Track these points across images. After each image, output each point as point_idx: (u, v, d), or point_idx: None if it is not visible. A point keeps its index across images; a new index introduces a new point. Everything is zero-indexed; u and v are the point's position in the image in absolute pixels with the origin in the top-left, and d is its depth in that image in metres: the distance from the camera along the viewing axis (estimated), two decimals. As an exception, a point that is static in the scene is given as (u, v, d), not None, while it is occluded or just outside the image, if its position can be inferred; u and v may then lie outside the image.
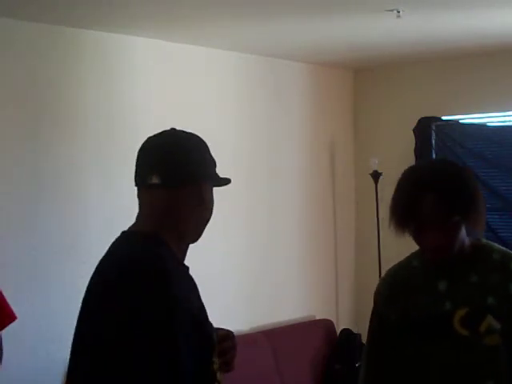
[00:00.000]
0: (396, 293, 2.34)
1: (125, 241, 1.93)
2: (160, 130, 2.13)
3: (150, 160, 1.98)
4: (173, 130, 2.08)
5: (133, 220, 2.11)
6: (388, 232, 2.42)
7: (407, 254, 2.46)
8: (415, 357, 2.29)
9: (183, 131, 2.09)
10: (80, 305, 2.00)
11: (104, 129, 4.50)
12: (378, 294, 2.41)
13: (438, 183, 2.19)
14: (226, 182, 2.10)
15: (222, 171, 2.24)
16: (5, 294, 4.06)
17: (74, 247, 4.27)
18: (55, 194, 4.21)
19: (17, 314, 4.20)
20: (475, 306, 2.23)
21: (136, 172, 2.03)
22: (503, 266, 2.27)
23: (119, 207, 4.44)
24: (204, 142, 2.12)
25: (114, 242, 1.96)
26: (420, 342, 2.27)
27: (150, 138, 2.03)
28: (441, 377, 2.26)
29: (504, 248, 2.36)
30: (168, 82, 4.83)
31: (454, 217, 2.17)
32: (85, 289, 2.01)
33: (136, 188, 2.05)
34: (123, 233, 1.97)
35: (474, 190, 2.24)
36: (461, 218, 2.18)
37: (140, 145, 2.11)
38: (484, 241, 2.35)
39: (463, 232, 2.22)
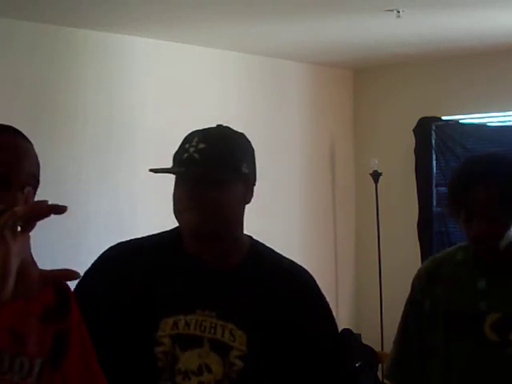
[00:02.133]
0: (434, 284, 2.30)
1: None
2: (159, 130, 2.12)
3: None
4: None
5: (133, 220, 2.11)
6: (388, 232, 2.42)
7: (407, 255, 2.44)
8: (440, 351, 2.25)
9: None
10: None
11: (104, 128, 4.50)
12: (416, 281, 2.37)
13: (493, 173, 2.18)
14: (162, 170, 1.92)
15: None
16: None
17: (73, 247, 4.27)
18: (55, 193, 4.20)
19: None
20: (509, 313, 2.17)
21: None
22: None
23: (119, 207, 4.45)
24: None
25: None
26: (447, 338, 2.23)
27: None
28: (461, 377, 2.22)
29: None
30: (168, 82, 4.83)
31: (504, 211, 2.14)
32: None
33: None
34: None
35: None
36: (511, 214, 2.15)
37: (139, 144, 2.10)
38: None
39: (511, 230, 2.18)
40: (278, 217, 5.54)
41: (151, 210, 4.36)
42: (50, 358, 1.47)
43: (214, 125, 2.03)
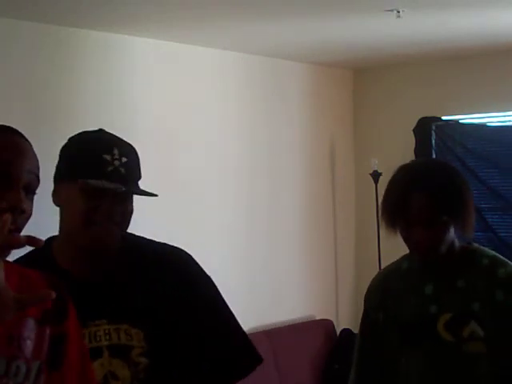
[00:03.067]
0: (385, 294, 2.34)
1: None
2: (159, 130, 2.12)
3: None
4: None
5: (132, 219, 2.11)
6: (388, 232, 2.43)
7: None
8: (399, 358, 2.29)
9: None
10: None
11: (104, 128, 4.49)
12: (367, 297, 2.41)
13: (428, 182, 2.20)
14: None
15: (222, 171, 2.24)
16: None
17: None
18: (55, 193, 4.21)
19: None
20: (459, 312, 2.23)
21: None
22: (491, 271, 2.25)
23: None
24: (82, 140, 1.94)
25: None
26: (404, 344, 2.28)
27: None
28: (422, 380, 2.27)
29: (495, 254, 2.32)
30: (168, 82, 4.83)
31: (442, 217, 2.17)
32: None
33: None
34: None
35: (463, 192, 2.24)
36: (449, 219, 2.18)
37: (139, 144, 2.11)
38: (475, 245, 2.33)
39: (451, 234, 2.22)
40: (278, 217, 5.54)
41: (151, 210, 4.36)
42: (47, 361, 1.46)
43: (215, 125, 2.01)
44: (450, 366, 2.24)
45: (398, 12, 4.00)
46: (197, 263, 2.01)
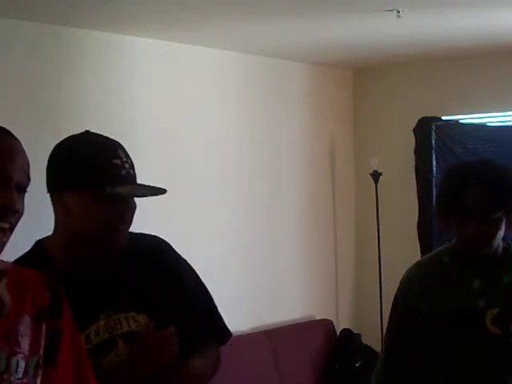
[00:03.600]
0: (427, 286, 2.41)
1: None
2: (159, 130, 2.14)
3: None
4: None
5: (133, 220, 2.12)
6: (388, 232, 2.47)
7: (407, 254, 2.51)
8: (442, 351, 2.36)
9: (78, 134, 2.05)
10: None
11: (104, 129, 4.46)
12: (406, 288, 2.47)
13: (483, 179, 2.28)
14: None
15: (222, 171, 2.24)
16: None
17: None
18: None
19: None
20: (506, 307, 2.32)
21: None
22: None
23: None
24: (97, 145, 1.98)
25: None
26: (450, 337, 2.35)
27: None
28: (467, 372, 2.35)
29: None
30: (168, 82, 4.83)
31: (495, 213, 2.25)
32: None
33: None
34: None
35: None
36: (502, 215, 2.26)
37: (139, 144, 2.12)
38: None
39: (502, 231, 2.30)
40: (278, 217, 5.54)
41: (151, 210, 4.36)
42: (44, 356, 1.49)
43: (215, 125, 2.07)
44: (496, 358, 2.33)
45: (398, 12, 4.00)
46: (174, 249, 2.11)
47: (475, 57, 5.48)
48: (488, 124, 5.62)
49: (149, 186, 1.89)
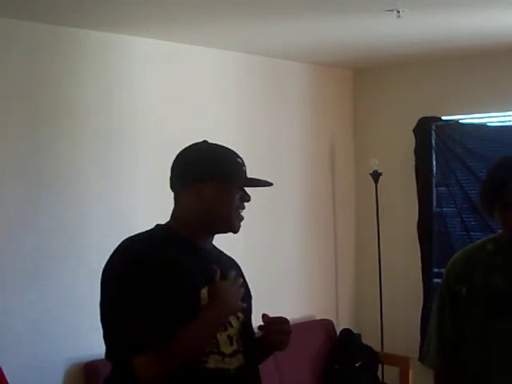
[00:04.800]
0: (470, 269, 2.52)
1: None
2: (159, 130, 2.20)
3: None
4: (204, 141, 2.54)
5: (132, 219, 2.13)
6: (388, 232, 2.50)
7: (407, 254, 2.57)
8: (481, 332, 2.45)
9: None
10: (78, 304, 2.08)
11: (104, 129, 4.50)
12: (450, 270, 2.58)
13: None
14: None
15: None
16: (5, 294, 4.06)
17: (73, 247, 4.27)
18: (55, 193, 4.21)
19: (17, 314, 4.20)
20: None
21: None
22: None
23: (119, 207, 4.45)
24: (221, 149, 2.50)
25: None
26: (488, 318, 2.44)
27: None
28: (505, 353, 2.42)
29: None
30: (168, 82, 4.83)
31: None
32: (84, 289, 2.06)
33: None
34: None
35: None
36: None
37: (139, 144, 2.17)
38: None
39: None
40: (278, 217, 5.54)
41: (152, 210, 4.36)
42: None
43: (214, 125, 2.29)
44: None
45: (398, 12, 4.00)
46: None
47: (475, 57, 5.48)
48: (488, 124, 5.62)
49: (262, 180, 2.45)
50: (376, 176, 5.63)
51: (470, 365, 2.48)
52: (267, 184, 2.46)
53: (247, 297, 2.48)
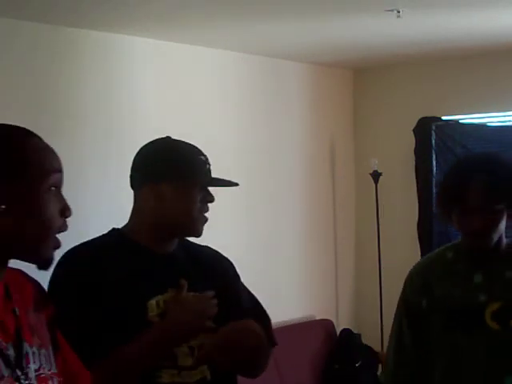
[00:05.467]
0: (430, 283, 2.40)
1: None
2: (159, 130, 2.21)
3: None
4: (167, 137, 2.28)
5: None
6: (388, 232, 2.48)
7: (407, 255, 2.52)
8: (443, 345, 2.35)
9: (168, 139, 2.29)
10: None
11: (103, 129, 4.50)
12: (409, 283, 2.47)
13: (490, 169, 2.28)
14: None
15: (222, 171, 2.26)
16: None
17: (73, 246, 4.27)
18: (55, 193, 4.21)
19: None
20: (508, 301, 2.31)
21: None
22: None
23: (118, 206, 4.44)
24: (185, 146, 2.27)
25: None
26: (449, 331, 2.34)
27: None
28: (466, 367, 2.33)
29: None
30: (168, 82, 4.83)
31: (499, 204, 2.25)
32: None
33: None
34: None
35: None
36: (504, 208, 2.27)
37: (139, 144, 2.18)
38: None
39: (503, 224, 2.31)
40: (278, 216, 5.54)
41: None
42: (53, 343, 1.54)
43: (214, 125, 2.25)
44: (495, 353, 2.31)
45: (398, 12, 4.00)
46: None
47: (475, 57, 5.48)
48: (488, 124, 5.62)
49: (226, 180, 2.30)
50: (376, 176, 5.62)
51: (437, 374, 2.37)
52: (231, 184, 2.32)
53: (227, 306, 2.17)
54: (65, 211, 1.59)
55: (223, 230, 5.12)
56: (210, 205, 2.33)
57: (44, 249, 1.50)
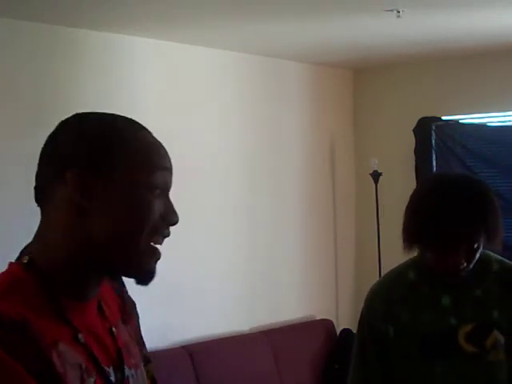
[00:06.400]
0: (394, 308, 2.21)
1: None
2: (159, 131, 2.06)
3: None
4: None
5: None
6: (388, 232, 2.43)
7: (407, 254, 2.33)
8: (416, 373, 2.19)
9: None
10: None
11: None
12: (370, 309, 2.28)
13: (467, 199, 2.05)
14: None
15: (222, 171, 2.25)
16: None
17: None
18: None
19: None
20: (481, 322, 2.15)
21: None
22: (503, 278, 2.18)
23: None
24: None
25: None
26: (423, 358, 2.17)
27: None
28: None
29: (501, 258, 2.24)
30: (168, 82, 4.83)
31: (480, 237, 2.05)
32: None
33: None
34: None
35: (498, 209, 2.11)
36: (483, 236, 2.06)
37: None
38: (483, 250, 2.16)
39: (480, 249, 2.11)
40: (279, 217, 5.54)
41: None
42: (143, 357, 1.44)
43: (214, 125, 2.04)
44: (473, 376, 2.15)
45: (398, 12, 4.00)
46: None
47: (475, 57, 5.48)
48: (488, 124, 5.62)
49: None
50: (376, 176, 5.62)
51: None
52: None
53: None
54: (168, 216, 1.25)
55: (223, 230, 5.12)
56: (210, 204, 2.25)
57: (143, 260, 1.24)
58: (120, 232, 1.21)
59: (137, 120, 1.38)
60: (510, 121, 5.54)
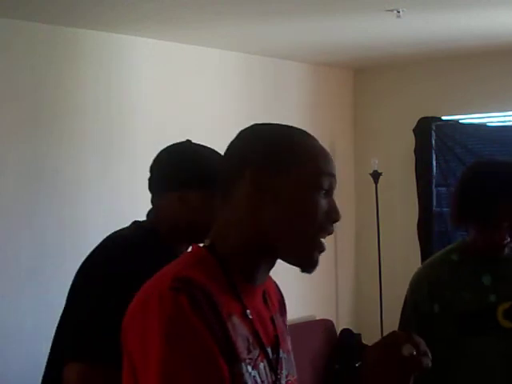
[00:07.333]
0: (438, 287, 2.40)
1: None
2: (159, 131, 2.18)
3: None
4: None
5: (131, 218, 2.15)
6: (388, 232, 2.47)
7: (407, 255, 2.50)
8: (459, 348, 2.35)
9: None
10: None
11: (103, 128, 4.50)
12: (416, 289, 2.45)
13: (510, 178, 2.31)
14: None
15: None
16: (4, 293, 4.07)
17: (73, 245, 4.27)
18: (55, 193, 4.21)
19: (16, 313, 4.20)
20: None
21: None
22: None
23: (118, 205, 4.44)
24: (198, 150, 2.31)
25: None
26: (464, 335, 2.34)
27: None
28: (482, 370, 2.34)
29: None
30: (168, 82, 4.83)
31: None
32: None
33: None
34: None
35: None
36: None
37: (139, 144, 2.15)
38: None
39: None
40: (278, 217, 5.53)
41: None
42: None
43: (214, 125, 2.15)
44: (509, 353, 2.33)
45: (398, 12, 4.00)
46: None
47: (475, 57, 5.48)
48: (488, 124, 5.62)
49: None
50: (376, 176, 5.62)
51: (451, 377, 2.36)
52: None
53: None
54: (331, 214, 1.46)
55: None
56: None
57: (310, 251, 1.50)
58: (292, 228, 1.41)
59: (137, 119, 1.39)
60: (510, 121, 5.54)
